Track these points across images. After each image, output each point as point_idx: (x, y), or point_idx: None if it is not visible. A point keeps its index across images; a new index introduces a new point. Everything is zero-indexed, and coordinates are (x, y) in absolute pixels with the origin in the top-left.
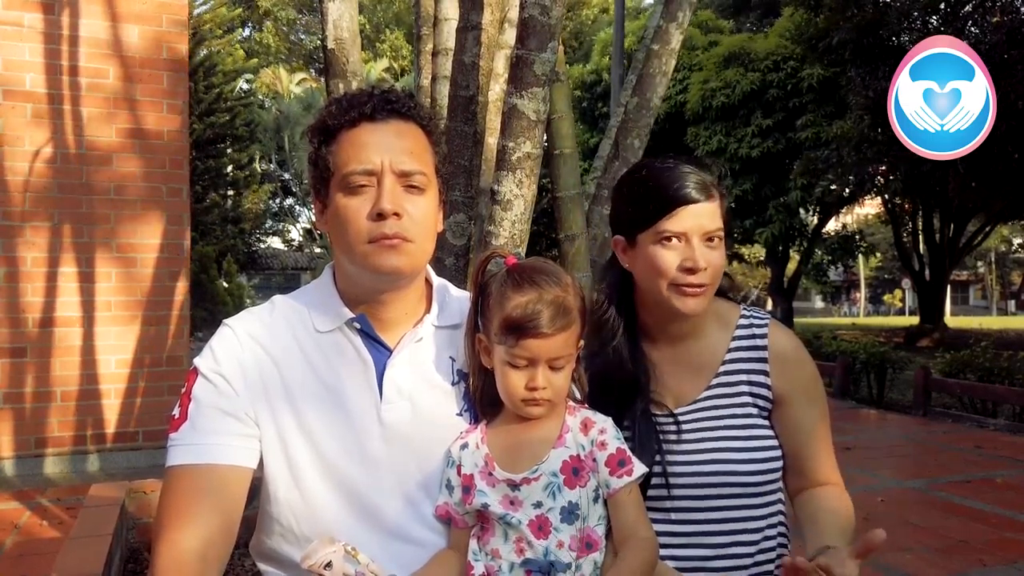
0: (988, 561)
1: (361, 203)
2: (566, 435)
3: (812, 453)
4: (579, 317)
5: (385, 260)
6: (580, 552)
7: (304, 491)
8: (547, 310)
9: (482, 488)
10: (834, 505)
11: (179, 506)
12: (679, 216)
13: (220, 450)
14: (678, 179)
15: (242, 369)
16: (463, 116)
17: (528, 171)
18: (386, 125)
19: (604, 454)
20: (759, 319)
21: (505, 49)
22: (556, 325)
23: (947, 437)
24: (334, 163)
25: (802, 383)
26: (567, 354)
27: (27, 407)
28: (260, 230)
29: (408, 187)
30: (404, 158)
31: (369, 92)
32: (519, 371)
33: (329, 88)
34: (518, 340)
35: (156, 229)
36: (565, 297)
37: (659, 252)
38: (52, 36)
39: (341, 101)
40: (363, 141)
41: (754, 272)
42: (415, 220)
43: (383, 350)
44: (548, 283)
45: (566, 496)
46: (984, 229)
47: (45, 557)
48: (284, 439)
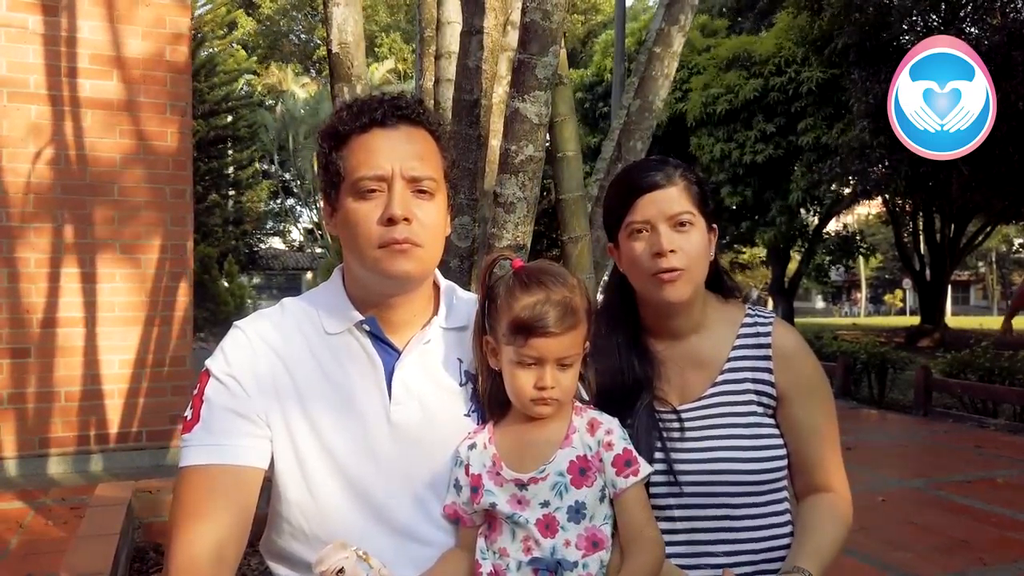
0: (989, 560)
1: (372, 208)
2: (573, 435)
3: (815, 453)
4: (585, 317)
5: (396, 265)
6: (587, 551)
7: (314, 491)
8: (555, 310)
9: (490, 488)
10: (823, 522)
11: (193, 506)
12: (640, 206)
13: (232, 451)
14: (637, 172)
15: (253, 371)
16: (467, 120)
17: (531, 174)
18: (396, 131)
19: (611, 454)
20: (764, 318)
21: (508, 52)
22: (564, 324)
23: (948, 437)
24: (345, 168)
25: (805, 381)
26: (574, 353)
27: (30, 407)
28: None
29: (417, 192)
30: (414, 164)
31: (380, 98)
32: (528, 371)
33: (334, 92)
34: (527, 340)
35: (159, 230)
36: (572, 297)
37: (631, 245)
38: (55, 38)
39: (352, 107)
40: (374, 147)
41: (755, 272)
42: (424, 225)
43: (392, 352)
44: (555, 284)
45: (573, 495)
46: (985, 229)
47: (50, 556)
48: (294, 440)
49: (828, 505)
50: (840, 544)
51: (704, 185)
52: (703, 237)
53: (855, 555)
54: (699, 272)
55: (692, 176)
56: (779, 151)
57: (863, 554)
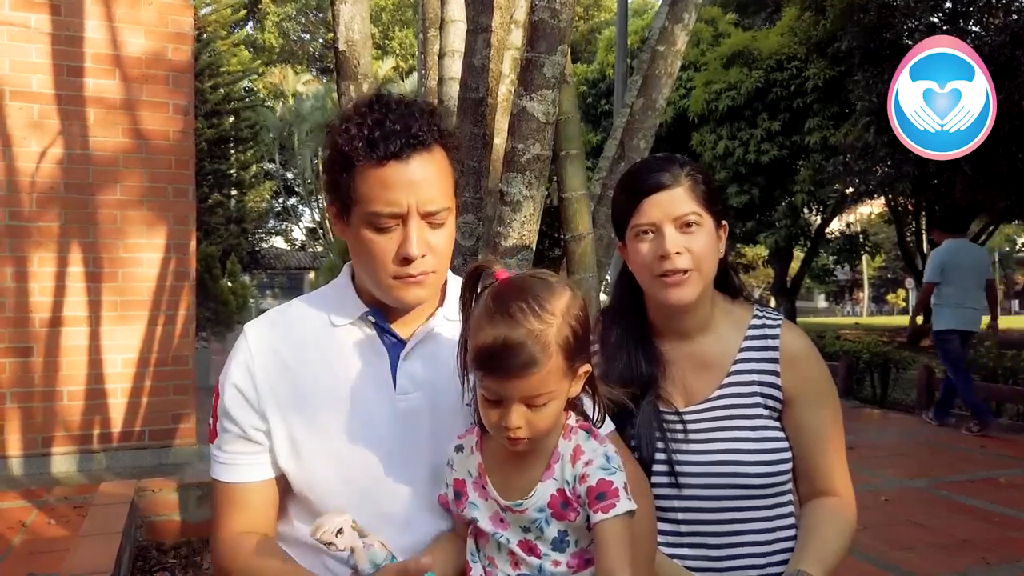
0: (992, 560)
1: (387, 242)
2: (555, 465)
3: (820, 457)
4: (561, 351)
5: (410, 294)
6: (578, 567)
7: (315, 485)
8: (511, 352)
9: (473, 500)
10: (827, 526)
11: (223, 512)
12: (645, 208)
13: (239, 470)
14: (642, 173)
15: (252, 377)
16: (473, 118)
17: (537, 173)
18: (411, 162)
19: (584, 487)
20: (772, 319)
21: (512, 50)
22: (521, 370)
23: (950, 437)
24: (357, 195)
25: (812, 383)
26: (545, 392)
27: (34, 406)
28: (263, 230)
29: (432, 224)
30: (429, 198)
31: (394, 128)
32: (492, 407)
33: (340, 89)
34: (483, 378)
35: (162, 230)
36: (543, 331)
37: (637, 247)
38: (58, 38)
39: (363, 129)
40: (390, 182)
41: (757, 272)
42: (439, 253)
43: (398, 343)
44: (525, 315)
45: (555, 527)
46: (987, 229)
47: (54, 555)
48: (294, 437)
49: (832, 509)
50: (844, 549)
51: (712, 182)
52: (710, 236)
53: (857, 555)
54: (707, 272)
55: (699, 174)
56: (783, 151)
57: (866, 554)
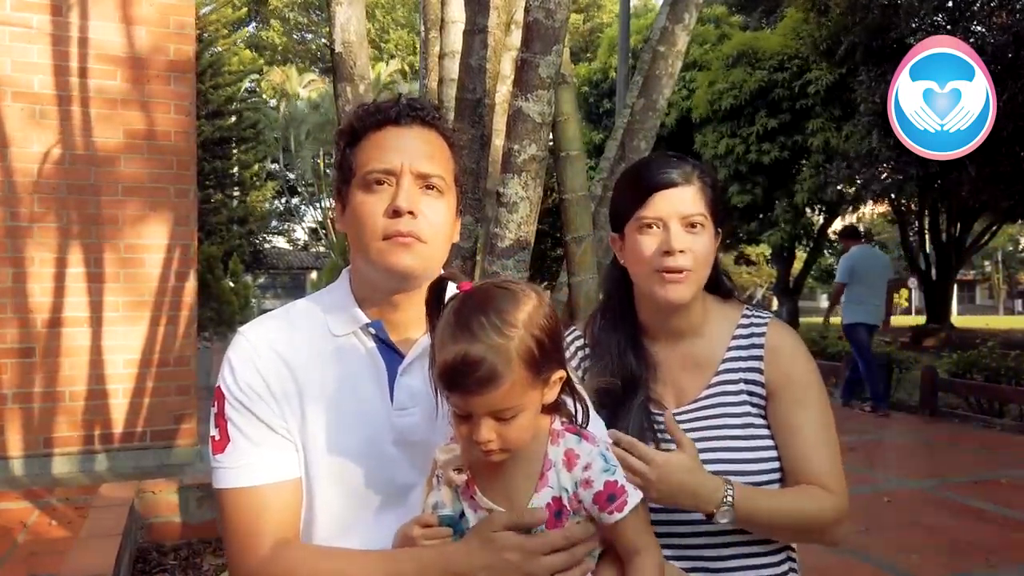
0: (994, 561)
1: (378, 200)
2: (548, 472)
3: (803, 452)
4: (524, 363)
5: (398, 258)
6: None
7: (313, 492)
8: (473, 367)
9: (464, 509)
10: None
11: (247, 526)
12: (654, 202)
13: (268, 469)
14: (655, 167)
15: (261, 377)
16: (470, 119)
17: (534, 173)
18: (410, 129)
19: (590, 492)
20: (760, 317)
21: (511, 51)
22: (484, 384)
23: (953, 437)
24: (356, 163)
25: (797, 378)
26: (512, 406)
27: (35, 407)
28: (265, 230)
29: (426, 188)
30: (424, 160)
31: (396, 99)
32: (462, 422)
33: (336, 91)
34: (448, 393)
35: (163, 230)
36: (503, 345)
37: (639, 239)
38: (60, 38)
39: (369, 106)
40: (386, 142)
41: (760, 271)
42: (430, 221)
43: (397, 356)
44: (485, 329)
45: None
46: (991, 228)
47: (54, 556)
48: (295, 442)
49: (808, 489)
50: (793, 515)
51: (718, 189)
52: (711, 240)
53: (860, 556)
54: (703, 274)
55: (709, 178)
56: (785, 152)
57: (868, 555)
